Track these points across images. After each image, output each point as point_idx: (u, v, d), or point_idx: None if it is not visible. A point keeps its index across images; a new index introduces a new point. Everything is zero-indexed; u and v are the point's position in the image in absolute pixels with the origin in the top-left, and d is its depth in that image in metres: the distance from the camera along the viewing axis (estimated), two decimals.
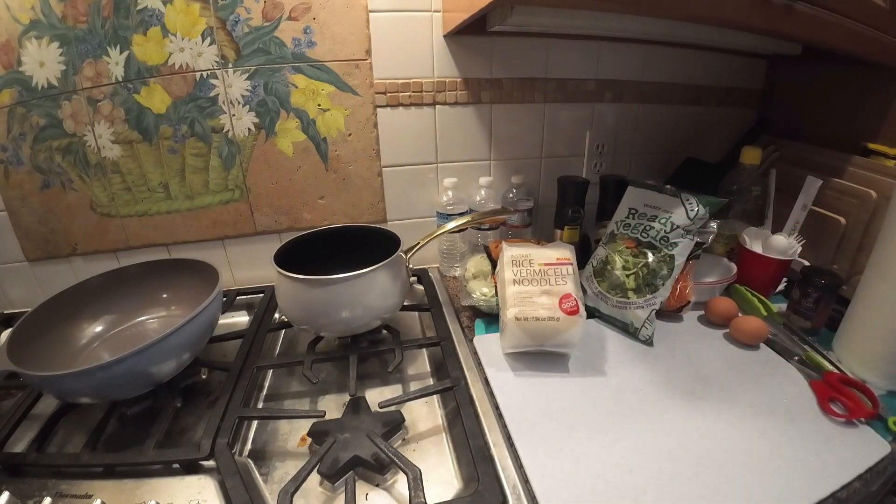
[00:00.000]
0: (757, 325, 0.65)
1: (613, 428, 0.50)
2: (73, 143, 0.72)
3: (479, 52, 0.79)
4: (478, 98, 0.82)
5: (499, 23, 0.67)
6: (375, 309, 0.62)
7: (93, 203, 0.77)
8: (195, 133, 0.74)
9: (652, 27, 0.71)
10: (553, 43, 0.81)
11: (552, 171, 0.91)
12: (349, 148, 0.80)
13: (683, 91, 0.94)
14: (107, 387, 0.51)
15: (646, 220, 0.70)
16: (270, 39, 0.71)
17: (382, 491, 0.46)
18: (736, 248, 0.80)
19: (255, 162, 0.78)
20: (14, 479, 0.48)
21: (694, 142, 0.98)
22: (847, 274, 0.73)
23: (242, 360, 0.62)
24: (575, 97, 0.87)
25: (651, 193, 0.71)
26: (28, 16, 0.65)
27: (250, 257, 0.86)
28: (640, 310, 0.66)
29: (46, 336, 0.59)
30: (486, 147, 0.87)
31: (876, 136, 0.76)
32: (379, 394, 0.60)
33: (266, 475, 0.49)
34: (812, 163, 0.80)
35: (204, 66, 0.70)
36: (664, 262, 0.66)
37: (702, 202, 0.66)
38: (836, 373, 0.59)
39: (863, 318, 0.60)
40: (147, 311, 0.70)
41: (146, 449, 0.49)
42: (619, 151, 0.95)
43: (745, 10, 0.54)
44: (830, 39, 0.61)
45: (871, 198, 0.70)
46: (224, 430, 0.51)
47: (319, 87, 0.75)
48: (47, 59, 0.67)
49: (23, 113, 0.70)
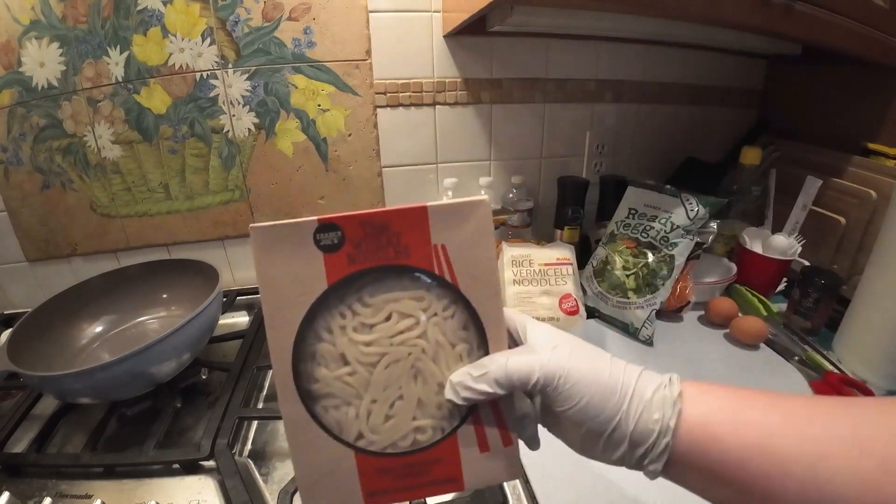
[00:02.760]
0: (757, 325, 0.65)
1: None
2: (74, 144, 0.72)
3: (479, 52, 0.79)
4: (478, 98, 0.82)
5: (499, 23, 0.67)
6: None
7: (93, 203, 0.77)
8: (195, 133, 0.74)
9: (652, 27, 0.71)
10: (553, 43, 0.81)
11: (552, 172, 0.91)
12: (349, 148, 0.80)
13: (683, 91, 0.94)
14: (107, 387, 0.51)
15: (646, 220, 0.70)
16: (270, 40, 0.71)
17: None
18: (736, 248, 0.80)
19: (255, 162, 0.78)
20: (14, 480, 0.48)
21: (694, 142, 0.98)
22: (847, 274, 0.73)
23: (242, 361, 0.62)
24: (575, 97, 0.87)
25: (651, 193, 0.71)
26: (28, 16, 0.65)
27: (250, 257, 0.85)
28: (641, 310, 0.66)
29: (46, 336, 0.59)
30: (486, 147, 0.87)
31: (876, 136, 0.76)
32: None
33: (266, 475, 0.49)
34: (812, 163, 0.80)
35: (204, 66, 0.70)
36: (664, 262, 0.66)
37: (702, 202, 0.66)
38: (837, 373, 0.59)
39: (863, 318, 0.60)
40: (147, 311, 0.70)
41: (146, 449, 0.49)
42: (619, 151, 0.95)
43: (745, 10, 0.54)
44: (830, 39, 0.61)
45: (871, 198, 0.70)
46: (224, 431, 0.51)
47: (319, 88, 0.75)
48: (47, 59, 0.67)
49: (23, 113, 0.70)
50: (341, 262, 0.25)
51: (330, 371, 0.26)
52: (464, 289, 0.26)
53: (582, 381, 0.25)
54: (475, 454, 0.28)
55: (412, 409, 0.27)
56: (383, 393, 0.27)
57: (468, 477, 0.28)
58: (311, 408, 0.26)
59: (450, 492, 0.28)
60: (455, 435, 0.27)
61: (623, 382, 0.25)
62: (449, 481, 0.28)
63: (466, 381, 0.26)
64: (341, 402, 0.27)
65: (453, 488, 0.28)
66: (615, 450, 0.25)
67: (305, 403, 0.26)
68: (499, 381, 0.25)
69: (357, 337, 0.26)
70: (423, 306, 0.27)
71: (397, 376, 0.27)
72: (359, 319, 0.26)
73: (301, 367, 0.26)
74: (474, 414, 0.27)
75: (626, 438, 0.25)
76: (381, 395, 0.27)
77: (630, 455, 0.25)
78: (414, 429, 0.27)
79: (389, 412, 0.27)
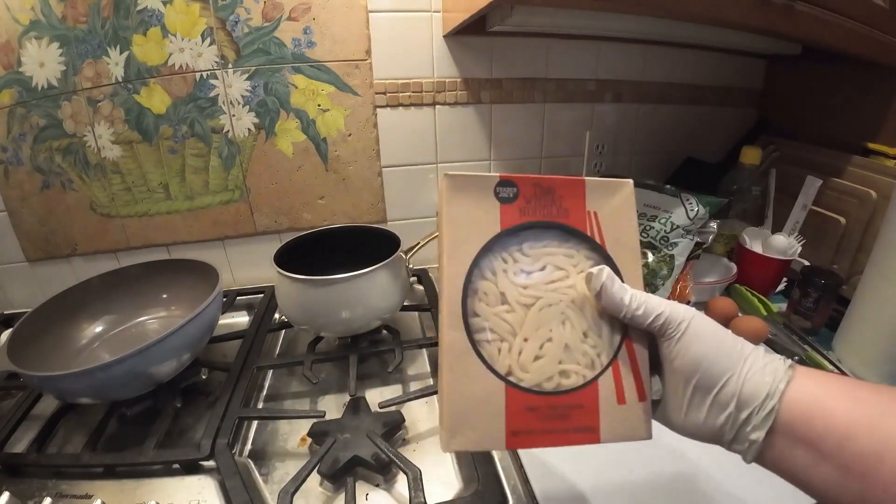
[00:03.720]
0: (757, 324, 0.65)
1: None
2: (73, 144, 0.73)
3: (479, 52, 0.79)
4: (478, 98, 0.82)
5: (499, 23, 0.67)
6: (375, 309, 0.62)
7: (93, 203, 0.77)
8: (195, 133, 0.74)
9: (652, 27, 0.72)
10: (553, 43, 0.81)
11: (552, 172, 0.91)
12: (349, 148, 0.80)
13: (683, 91, 0.94)
14: (107, 387, 0.51)
15: (646, 220, 0.70)
16: (270, 40, 0.71)
17: (382, 491, 0.46)
18: (736, 248, 0.80)
19: (255, 162, 0.78)
20: (14, 480, 0.48)
21: (694, 142, 0.98)
22: (847, 274, 0.73)
23: (242, 361, 0.62)
24: (575, 97, 0.87)
25: (651, 193, 0.71)
26: (28, 16, 0.65)
27: (250, 257, 0.86)
28: None
29: (46, 336, 0.59)
30: (486, 147, 0.87)
31: (876, 136, 0.76)
32: (379, 394, 0.60)
33: (266, 475, 0.49)
34: (812, 163, 0.80)
35: (204, 66, 0.70)
36: (664, 262, 0.66)
37: (702, 202, 0.66)
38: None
39: (863, 318, 0.60)
40: (147, 311, 0.70)
41: (146, 449, 0.49)
42: (619, 151, 0.95)
43: (744, 10, 0.54)
44: (830, 39, 0.61)
45: (871, 198, 0.70)
46: (224, 431, 0.51)
47: (319, 88, 0.75)
48: (47, 59, 0.67)
49: (23, 113, 0.70)
50: (514, 213, 0.30)
51: (490, 307, 0.29)
52: (610, 250, 0.30)
53: (703, 333, 0.27)
54: (613, 405, 0.29)
55: (559, 352, 0.29)
56: (535, 332, 0.29)
57: (605, 427, 0.29)
58: (472, 338, 0.28)
59: (587, 442, 0.29)
60: (596, 383, 0.29)
61: (741, 347, 0.27)
62: (587, 430, 0.29)
63: (611, 280, 0.28)
64: (497, 338, 0.29)
65: (591, 438, 0.29)
66: (721, 411, 0.26)
67: (468, 333, 0.28)
68: (633, 298, 0.28)
69: (516, 280, 0.30)
70: (574, 262, 0.30)
71: (549, 319, 0.29)
72: (518, 266, 0.30)
73: (465, 301, 0.29)
74: (614, 365, 0.30)
75: (734, 397, 0.25)
76: (533, 334, 0.29)
77: (735, 417, 0.25)
78: (559, 372, 0.29)
79: (539, 352, 0.29)
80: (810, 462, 0.24)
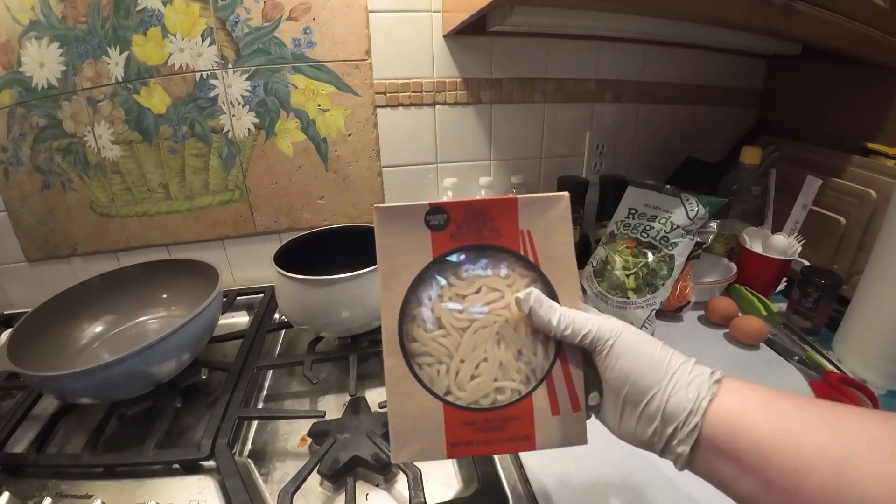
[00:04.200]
0: (757, 325, 0.65)
1: None
2: (73, 144, 0.73)
3: (479, 52, 0.79)
4: (478, 98, 0.82)
5: (499, 23, 0.67)
6: (375, 309, 0.62)
7: (93, 203, 0.77)
8: (195, 133, 0.74)
9: (652, 27, 0.72)
10: (553, 43, 0.81)
11: (552, 171, 0.91)
12: (349, 148, 0.80)
13: (683, 91, 0.94)
14: (107, 387, 0.51)
15: (646, 220, 0.70)
16: (270, 40, 0.71)
17: (382, 491, 0.46)
18: (736, 248, 0.80)
19: (255, 162, 0.78)
20: (14, 480, 0.48)
21: (694, 142, 0.98)
22: (847, 274, 0.73)
23: (242, 361, 0.62)
24: (575, 97, 0.87)
25: (651, 193, 0.71)
26: (28, 16, 0.65)
27: (250, 257, 0.86)
28: (640, 310, 0.66)
29: (46, 336, 0.59)
30: (486, 147, 0.87)
31: (876, 135, 0.76)
32: (379, 394, 0.60)
33: (266, 475, 0.49)
34: (812, 163, 0.80)
35: (204, 66, 0.70)
36: (664, 262, 0.66)
37: (702, 202, 0.66)
38: (837, 373, 0.59)
39: (863, 318, 0.60)
40: (147, 311, 0.70)
41: (146, 449, 0.49)
42: (619, 151, 0.95)
43: (744, 10, 0.54)
44: (830, 39, 0.62)
45: (871, 197, 0.70)
46: (224, 431, 0.51)
47: (319, 88, 0.75)
48: (47, 59, 0.67)
49: (23, 113, 0.70)
50: (445, 239, 0.30)
51: (427, 332, 0.30)
52: (544, 267, 0.31)
53: (629, 348, 0.28)
54: (547, 416, 0.31)
55: (494, 371, 0.30)
56: (471, 354, 0.30)
57: (540, 436, 0.31)
58: (410, 363, 0.30)
59: (522, 450, 0.31)
60: (531, 397, 0.31)
61: (668, 362, 0.27)
62: (523, 438, 0.31)
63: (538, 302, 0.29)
64: (435, 361, 0.30)
65: (526, 446, 0.31)
66: (649, 424, 0.27)
67: (405, 358, 0.30)
68: (562, 319, 0.29)
69: (451, 305, 0.31)
70: (508, 282, 0.31)
71: (483, 340, 0.30)
72: (454, 290, 0.31)
73: (403, 328, 0.30)
74: (548, 380, 0.31)
75: (660, 412, 0.26)
76: (468, 356, 0.30)
77: (662, 431, 0.26)
78: (495, 389, 0.30)
79: (475, 372, 0.30)
80: (736, 475, 0.24)
